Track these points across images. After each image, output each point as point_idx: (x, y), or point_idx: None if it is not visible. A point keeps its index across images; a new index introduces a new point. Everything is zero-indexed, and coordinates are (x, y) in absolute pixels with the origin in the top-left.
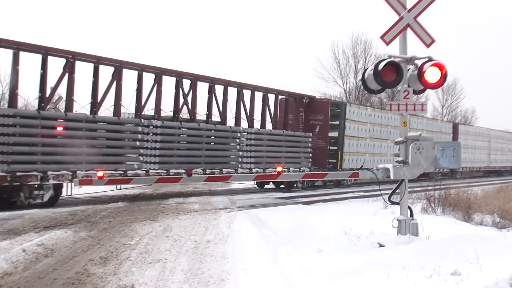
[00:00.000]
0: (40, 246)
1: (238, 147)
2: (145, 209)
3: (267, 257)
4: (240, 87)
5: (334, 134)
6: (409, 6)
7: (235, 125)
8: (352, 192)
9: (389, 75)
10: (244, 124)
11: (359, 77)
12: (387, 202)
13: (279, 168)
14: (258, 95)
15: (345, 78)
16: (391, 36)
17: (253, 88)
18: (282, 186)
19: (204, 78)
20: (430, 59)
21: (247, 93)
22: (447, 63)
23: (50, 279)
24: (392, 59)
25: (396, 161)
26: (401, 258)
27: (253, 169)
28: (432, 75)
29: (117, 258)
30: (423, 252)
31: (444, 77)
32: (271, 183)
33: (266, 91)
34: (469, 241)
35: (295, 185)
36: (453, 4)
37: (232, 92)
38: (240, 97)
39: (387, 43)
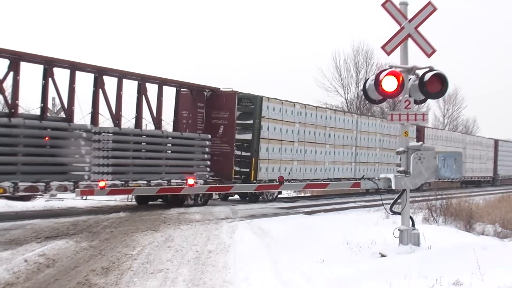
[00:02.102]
0: (41, 256)
1: (86, 151)
2: (146, 219)
3: (269, 267)
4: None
5: (247, 136)
6: (410, 16)
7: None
8: (354, 202)
9: (390, 85)
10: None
11: (361, 87)
12: (389, 212)
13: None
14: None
15: (347, 88)
16: (392, 46)
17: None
18: (160, 200)
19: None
20: (431, 69)
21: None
22: (448, 73)
23: None
24: (393, 69)
25: (398, 171)
26: (402, 268)
27: (109, 180)
28: (433, 85)
29: (119, 268)
30: (425, 262)
31: (445, 87)
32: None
33: (142, 79)
34: (470, 250)
35: (185, 202)
36: (453, 14)
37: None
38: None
39: (388, 53)
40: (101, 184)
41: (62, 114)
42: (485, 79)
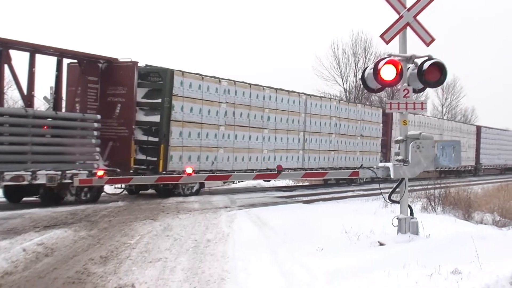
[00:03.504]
0: (40, 246)
1: None
2: (145, 208)
3: (267, 256)
4: None
5: (155, 118)
6: (408, 5)
7: None
8: (352, 191)
9: (389, 74)
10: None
11: (359, 76)
12: (387, 201)
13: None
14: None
15: (345, 77)
16: (391, 35)
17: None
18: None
19: None
20: (430, 58)
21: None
22: (447, 62)
23: (50, 278)
24: (392, 57)
25: (396, 160)
26: (401, 257)
27: None
28: (431, 73)
29: (118, 257)
30: (423, 250)
31: (444, 75)
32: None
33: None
34: (469, 239)
35: (64, 198)
36: (452, 2)
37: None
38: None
39: (387, 42)
40: (100, 173)
41: None
42: (485, 68)
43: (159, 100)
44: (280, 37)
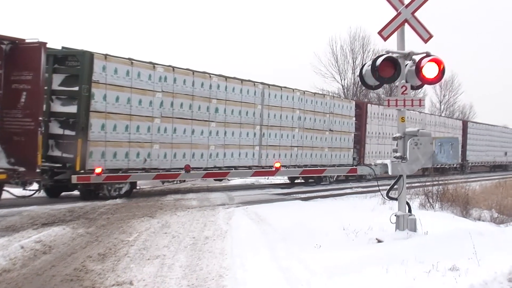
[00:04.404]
0: (38, 243)
1: None
2: (143, 206)
3: (266, 253)
4: None
5: (72, 109)
6: (406, 2)
7: None
8: (351, 188)
9: (386, 70)
10: None
11: (357, 73)
12: (385, 197)
13: None
14: None
15: (343, 74)
16: (389, 31)
17: None
18: None
19: None
20: (428, 55)
21: None
22: (445, 59)
23: (48, 275)
24: (390, 54)
25: (394, 157)
26: (399, 254)
27: None
28: (430, 70)
29: (116, 255)
30: (421, 247)
31: (442, 72)
32: None
33: None
34: (467, 236)
35: None
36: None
37: None
38: None
39: (385, 39)
40: (97, 170)
41: None
42: (484, 66)
43: (77, 88)
44: (278, 35)
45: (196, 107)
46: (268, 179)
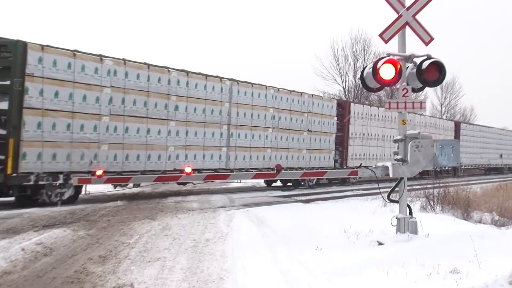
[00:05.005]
0: (39, 245)
1: None
2: (144, 208)
3: (266, 255)
4: None
5: (2, 105)
6: (407, 4)
7: None
8: (351, 190)
9: (388, 73)
10: None
11: (358, 75)
12: (386, 200)
13: None
14: None
15: (344, 76)
16: (390, 34)
17: None
18: None
19: None
20: (429, 57)
21: None
22: (446, 61)
23: (49, 278)
24: (391, 57)
25: (395, 159)
26: (400, 256)
27: None
28: (431, 73)
29: (116, 257)
30: (422, 250)
31: (443, 75)
32: None
33: None
34: (468, 239)
35: None
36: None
37: None
38: None
39: (386, 41)
40: (99, 172)
41: None
42: (483, 68)
43: (8, 82)
44: (280, 37)
45: (152, 104)
46: (240, 182)
